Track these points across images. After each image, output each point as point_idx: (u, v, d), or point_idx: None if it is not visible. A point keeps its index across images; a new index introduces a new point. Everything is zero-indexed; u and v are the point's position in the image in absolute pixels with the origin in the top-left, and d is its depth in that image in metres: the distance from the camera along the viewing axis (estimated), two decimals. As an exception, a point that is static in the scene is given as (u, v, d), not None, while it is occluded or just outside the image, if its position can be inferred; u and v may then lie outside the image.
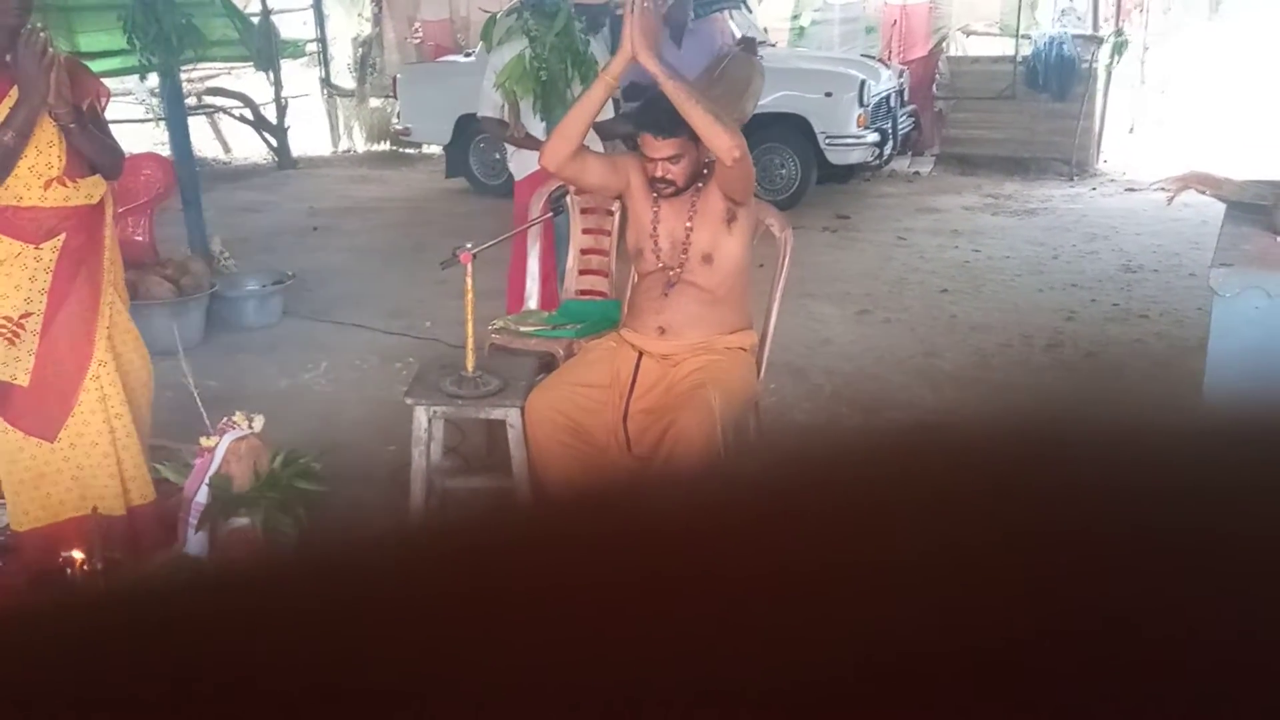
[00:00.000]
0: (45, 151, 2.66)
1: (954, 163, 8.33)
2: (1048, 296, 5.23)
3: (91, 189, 2.75)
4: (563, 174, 2.87)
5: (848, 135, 6.90)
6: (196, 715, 0.26)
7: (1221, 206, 3.26)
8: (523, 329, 3.38)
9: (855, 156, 7.04)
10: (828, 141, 6.91)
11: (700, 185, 2.83)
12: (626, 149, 4.43)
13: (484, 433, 3.33)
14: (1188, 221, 5.85)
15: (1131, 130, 9.24)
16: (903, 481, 0.31)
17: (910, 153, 8.20)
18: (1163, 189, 3.38)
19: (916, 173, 8.17)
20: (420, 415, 2.86)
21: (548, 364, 3.14)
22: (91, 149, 2.71)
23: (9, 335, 2.68)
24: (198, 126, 8.04)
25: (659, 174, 2.77)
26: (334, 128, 10.05)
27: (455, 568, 0.30)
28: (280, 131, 9.20)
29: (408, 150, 9.30)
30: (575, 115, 2.79)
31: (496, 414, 2.87)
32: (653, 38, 2.68)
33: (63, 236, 2.72)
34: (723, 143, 2.62)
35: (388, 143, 9.61)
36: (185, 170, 5.30)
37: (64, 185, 2.69)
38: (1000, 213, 7.06)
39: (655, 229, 2.84)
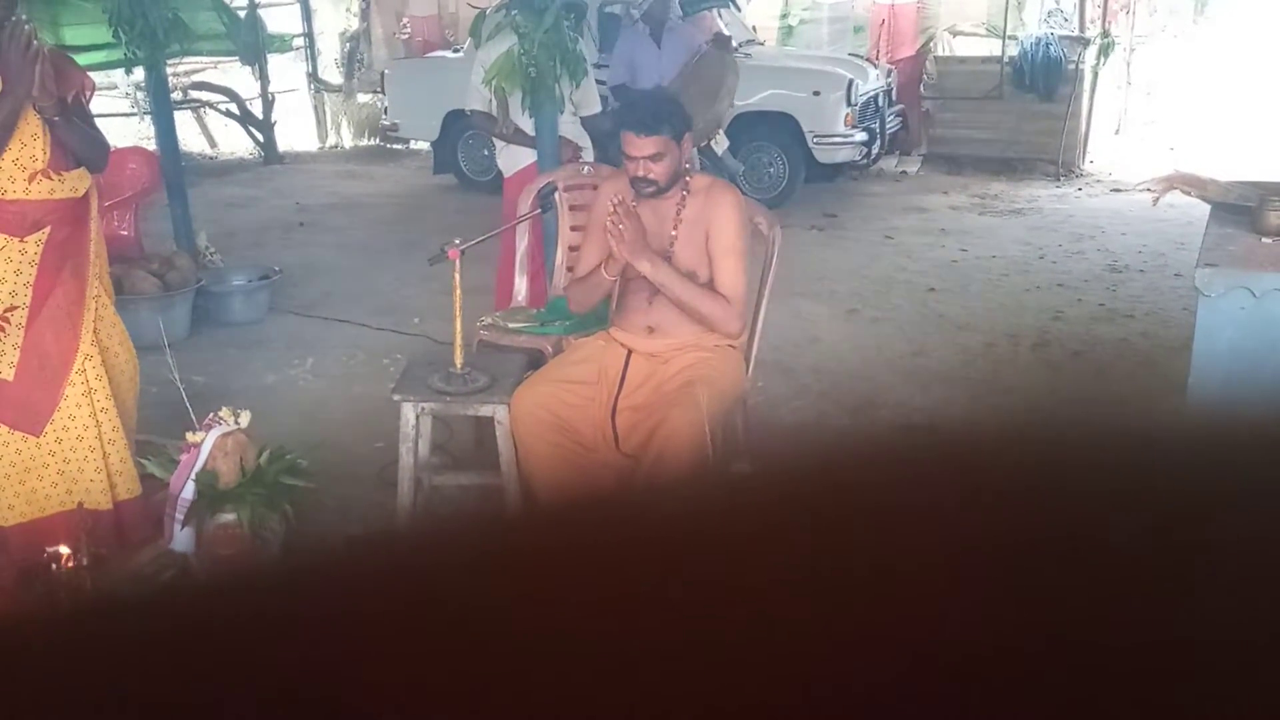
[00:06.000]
0: (30, 144, 2.64)
1: (941, 162, 8.35)
2: (1034, 296, 5.25)
3: (76, 182, 2.74)
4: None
5: (835, 134, 6.92)
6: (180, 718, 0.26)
7: (1206, 207, 3.29)
8: (511, 325, 3.38)
9: (843, 155, 7.06)
10: (815, 140, 6.92)
11: (686, 194, 2.81)
12: (603, 146, 4.43)
13: (472, 429, 3.32)
14: (1173, 222, 5.88)
15: (1117, 131, 9.28)
16: (893, 485, 0.31)
17: (898, 152, 8.23)
18: (1148, 190, 3.41)
19: (904, 172, 8.19)
20: (408, 412, 2.86)
21: (536, 360, 3.14)
22: (76, 142, 2.69)
23: (-7, 329, 2.67)
24: (183, 121, 7.99)
25: (640, 173, 2.73)
26: (321, 123, 10.01)
27: (443, 572, 0.30)
28: (267, 126, 9.15)
29: (395, 146, 9.28)
30: (586, 298, 2.95)
31: (485, 410, 2.86)
32: (637, 239, 2.69)
33: (48, 230, 2.70)
34: (727, 329, 2.78)
35: (375, 138, 9.58)
36: (171, 165, 5.27)
37: (49, 178, 2.67)
38: (987, 212, 7.09)
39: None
